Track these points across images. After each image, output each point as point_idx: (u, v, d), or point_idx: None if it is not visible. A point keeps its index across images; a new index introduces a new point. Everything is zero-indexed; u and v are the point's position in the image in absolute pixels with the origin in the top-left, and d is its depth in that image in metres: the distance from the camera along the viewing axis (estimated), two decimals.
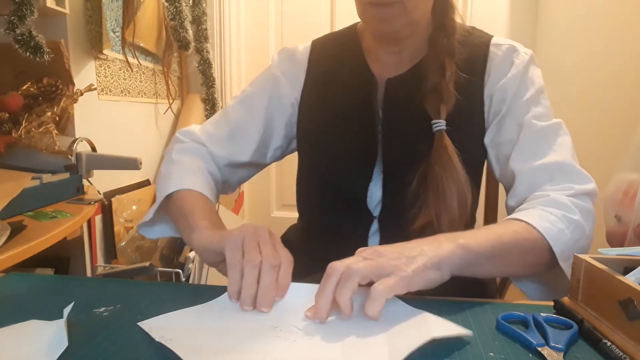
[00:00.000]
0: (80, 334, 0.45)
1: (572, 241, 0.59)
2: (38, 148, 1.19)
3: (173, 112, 2.13)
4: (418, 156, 0.70)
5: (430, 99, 0.70)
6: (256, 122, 0.80)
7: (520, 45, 0.74)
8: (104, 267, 1.51)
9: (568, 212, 0.60)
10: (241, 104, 0.82)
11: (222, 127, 0.82)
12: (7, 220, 0.91)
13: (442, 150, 0.68)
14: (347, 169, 0.76)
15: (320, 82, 0.80)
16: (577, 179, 0.64)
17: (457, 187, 0.66)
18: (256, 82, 0.85)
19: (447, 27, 0.73)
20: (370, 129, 0.74)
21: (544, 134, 0.68)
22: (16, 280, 0.61)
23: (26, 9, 1.06)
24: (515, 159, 0.69)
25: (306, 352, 0.43)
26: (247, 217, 2.50)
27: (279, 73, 0.82)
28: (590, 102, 1.82)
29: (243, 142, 0.80)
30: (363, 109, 0.75)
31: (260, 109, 0.81)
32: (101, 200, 1.42)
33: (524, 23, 2.31)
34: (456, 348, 0.44)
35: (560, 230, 0.59)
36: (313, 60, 0.82)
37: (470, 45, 0.74)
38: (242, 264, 0.51)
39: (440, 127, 0.69)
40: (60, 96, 1.24)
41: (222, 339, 0.45)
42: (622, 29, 1.63)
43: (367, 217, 0.76)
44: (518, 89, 0.71)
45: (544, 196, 0.63)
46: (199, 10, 2.04)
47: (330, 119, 0.77)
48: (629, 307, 0.43)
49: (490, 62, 0.73)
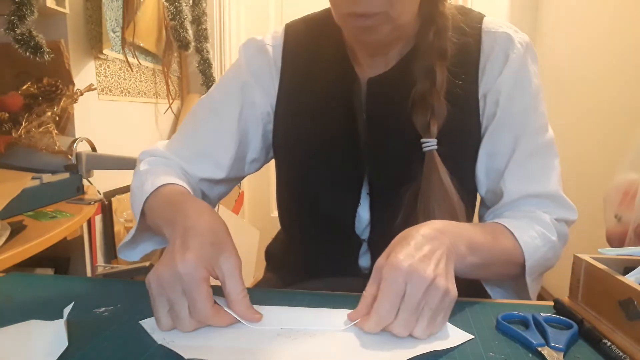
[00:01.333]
0: (80, 334, 0.45)
1: (543, 259, 0.61)
2: (38, 148, 1.19)
3: (173, 112, 2.13)
4: (407, 177, 0.64)
5: (419, 112, 0.62)
6: (229, 136, 0.70)
7: (515, 32, 0.65)
8: (104, 267, 1.51)
9: (548, 231, 0.61)
10: (210, 115, 0.71)
11: (192, 143, 0.71)
12: (7, 220, 0.91)
13: (434, 173, 0.62)
14: (332, 194, 0.69)
15: (297, 86, 0.70)
16: (564, 208, 0.65)
17: (449, 210, 0.61)
18: (224, 87, 0.72)
19: (437, 22, 0.64)
20: (355, 145, 0.67)
21: (539, 155, 0.65)
22: (16, 280, 0.61)
23: (26, 9, 1.06)
24: (508, 181, 0.64)
25: (308, 352, 0.43)
26: (247, 217, 2.49)
27: (249, 77, 0.70)
28: (590, 102, 1.82)
29: (217, 159, 0.70)
30: (346, 119, 0.67)
31: (232, 120, 0.70)
32: (101, 200, 1.42)
33: (524, 22, 2.30)
34: (456, 348, 0.44)
35: (537, 247, 0.60)
36: (287, 55, 0.71)
37: (462, 41, 0.65)
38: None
39: (430, 147, 0.62)
40: (60, 96, 1.24)
41: (224, 340, 0.45)
42: (622, 28, 1.63)
43: (355, 240, 0.70)
44: (513, 90, 0.63)
45: (529, 211, 0.63)
46: (199, 10, 2.05)
47: (309, 131, 0.69)
48: (629, 307, 0.43)
49: (484, 56, 0.65)
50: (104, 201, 1.52)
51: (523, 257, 0.58)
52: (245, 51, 0.72)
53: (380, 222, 0.68)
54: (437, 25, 0.64)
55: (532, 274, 0.60)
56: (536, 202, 0.64)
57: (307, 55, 0.70)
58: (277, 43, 0.72)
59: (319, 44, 0.70)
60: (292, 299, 0.55)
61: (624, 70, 1.60)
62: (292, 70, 0.71)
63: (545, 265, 0.62)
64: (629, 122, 1.50)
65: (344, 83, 0.67)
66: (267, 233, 0.88)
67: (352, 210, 0.69)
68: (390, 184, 0.66)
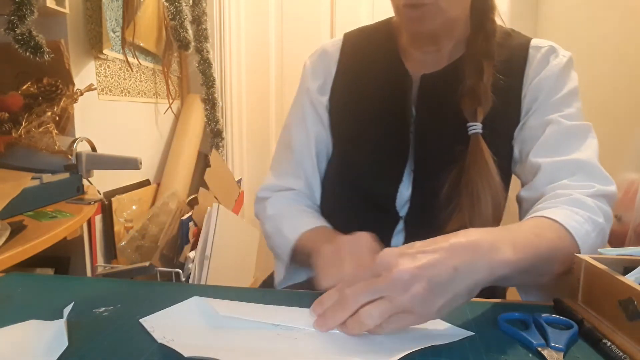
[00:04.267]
0: (80, 334, 0.45)
1: (595, 245, 0.57)
2: (38, 148, 1.19)
3: (173, 112, 2.13)
4: (451, 158, 0.68)
5: (467, 101, 0.68)
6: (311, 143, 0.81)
7: (560, 48, 0.73)
8: (104, 267, 1.51)
9: (593, 215, 0.58)
10: (297, 129, 0.82)
11: (290, 161, 0.82)
12: (7, 220, 0.91)
13: (479, 154, 0.66)
14: (377, 170, 0.74)
15: (351, 79, 0.78)
16: (599, 178, 0.63)
17: (492, 194, 0.65)
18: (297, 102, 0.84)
19: (486, 28, 0.71)
20: (403, 127, 0.72)
21: (570, 134, 0.67)
22: (16, 280, 0.61)
23: (26, 9, 1.06)
24: (537, 153, 0.67)
25: (307, 351, 0.43)
26: (247, 217, 2.50)
27: (310, 82, 0.81)
28: (590, 102, 1.82)
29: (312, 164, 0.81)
30: (396, 106, 0.73)
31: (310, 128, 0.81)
32: (101, 200, 1.42)
33: (524, 22, 2.30)
34: (456, 348, 0.44)
35: (587, 232, 0.56)
36: (345, 54, 0.80)
37: (509, 47, 0.72)
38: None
39: (476, 130, 0.67)
40: (60, 96, 1.24)
41: (224, 339, 0.45)
42: (623, 28, 1.63)
43: (393, 216, 0.74)
44: (551, 88, 0.69)
45: (565, 195, 0.60)
46: (199, 10, 2.04)
47: (361, 118, 0.76)
48: (629, 307, 0.43)
49: (529, 65, 0.72)
50: (104, 201, 1.52)
51: (576, 246, 0.55)
52: (310, 59, 0.84)
53: (421, 199, 0.72)
54: (485, 30, 0.71)
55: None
56: (568, 174, 0.63)
57: (363, 53, 0.79)
58: (337, 43, 0.82)
59: (374, 44, 0.79)
60: (292, 298, 0.55)
61: (624, 70, 1.60)
62: (347, 65, 0.79)
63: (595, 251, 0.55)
64: (629, 122, 1.50)
65: (395, 76, 0.75)
66: None
67: (394, 185, 0.73)
68: (435, 163, 0.70)
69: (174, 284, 0.60)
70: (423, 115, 0.72)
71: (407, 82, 0.73)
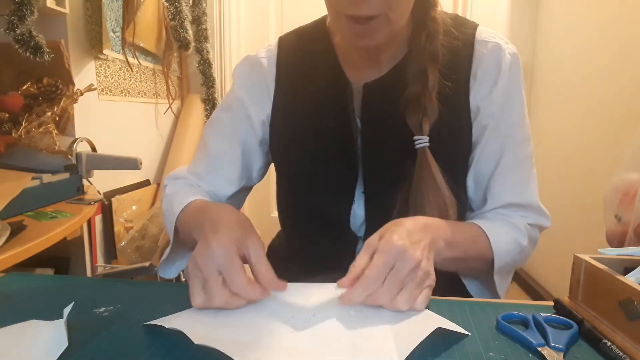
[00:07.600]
0: (80, 334, 0.45)
1: (512, 262, 0.67)
2: (38, 148, 1.19)
3: (173, 112, 2.13)
4: (401, 174, 0.66)
5: (412, 112, 0.64)
6: (233, 153, 0.75)
7: (505, 43, 0.69)
8: (104, 267, 1.51)
9: (520, 238, 0.67)
10: (216, 133, 0.77)
11: (204, 162, 0.77)
12: (7, 220, 0.91)
13: (426, 169, 0.64)
14: (328, 192, 0.72)
15: (291, 93, 0.73)
16: (541, 216, 0.71)
17: (438, 208, 0.64)
18: (225, 105, 0.78)
19: (428, 27, 0.66)
20: (350, 143, 0.69)
21: (522, 166, 0.69)
22: (16, 280, 0.61)
23: (26, 9, 1.06)
24: (493, 189, 0.69)
25: (313, 345, 0.43)
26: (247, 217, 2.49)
27: (243, 93, 0.75)
28: (590, 102, 1.82)
29: (227, 174, 0.75)
30: (339, 120, 0.69)
31: (233, 136, 0.75)
32: (101, 200, 1.42)
33: (524, 23, 2.31)
34: (456, 348, 0.44)
35: (508, 251, 0.65)
36: (281, 64, 0.75)
37: (453, 47, 0.67)
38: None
39: (422, 144, 0.64)
40: (60, 96, 1.24)
41: (232, 330, 0.45)
42: (622, 28, 1.63)
43: (351, 237, 0.72)
44: (506, 103, 0.67)
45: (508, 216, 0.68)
46: (199, 10, 2.05)
47: (304, 135, 0.72)
48: (629, 307, 0.43)
49: (476, 63, 0.67)
50: (104, 201, 1.52)
51: (492, 257, 0.64)
52: (237, 70, 0.78)
53: (375, 219, 0.68)
54: (428, 29, 0.66)
55: (499, 272, 0.66)
56: (516, 210, 0.70)
57: (300, 63, 0.74)
58: (271, 55, 0.76)
59: (311, 51, 0.74)
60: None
61: (624, 70, 1.60)
62: (286, 78, 0.74)
63: (512, 267, 0.69)
64: (629, 122, 1.50)
65: (336, 87, 0.70)
66: (267, 233, 0.88)
67: (347, 208, 0.71)
68: (384, 183, 0.69)
69: (174, 284, 0.60)
70: (368, 127, 0.69)
71: (348, 93, 0.68)
